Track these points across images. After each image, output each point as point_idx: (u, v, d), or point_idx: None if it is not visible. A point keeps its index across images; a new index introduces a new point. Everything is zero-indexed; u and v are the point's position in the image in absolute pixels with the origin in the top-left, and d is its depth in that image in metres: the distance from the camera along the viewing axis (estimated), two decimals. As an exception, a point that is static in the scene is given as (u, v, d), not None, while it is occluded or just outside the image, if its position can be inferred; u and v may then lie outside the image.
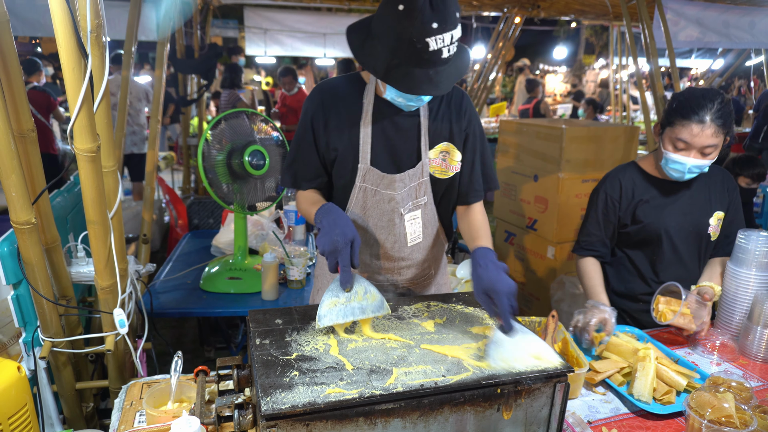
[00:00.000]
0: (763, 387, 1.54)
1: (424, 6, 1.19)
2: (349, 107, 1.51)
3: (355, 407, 1.00)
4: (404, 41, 1.22)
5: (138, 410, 1.32)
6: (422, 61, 1.24)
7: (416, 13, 1.19)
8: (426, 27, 1.20)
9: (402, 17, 1.21)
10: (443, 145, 1.55)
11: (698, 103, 1.69)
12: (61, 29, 1.19)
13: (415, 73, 1.26)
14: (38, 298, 1.52)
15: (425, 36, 1.20)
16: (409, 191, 1.54)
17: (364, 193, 1.53)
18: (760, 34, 4.61)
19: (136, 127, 5.66)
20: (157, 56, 3.33)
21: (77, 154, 1.35)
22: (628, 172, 1.94)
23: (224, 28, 12.12)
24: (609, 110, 9.76)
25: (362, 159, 1.50)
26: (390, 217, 1.55)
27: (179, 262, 2.84)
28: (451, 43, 1.24)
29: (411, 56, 1.24)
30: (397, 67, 1.27)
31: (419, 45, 1.21)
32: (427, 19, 1.19)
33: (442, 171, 1.57)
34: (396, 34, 1.23)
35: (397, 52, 1.25)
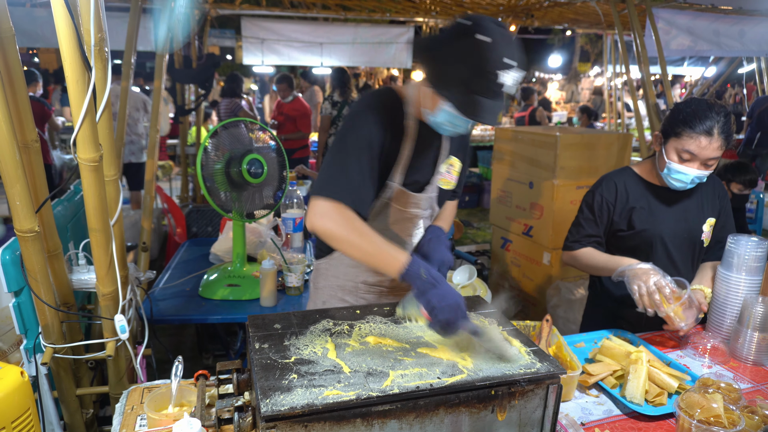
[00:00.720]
0: (753, 389, 1.57)
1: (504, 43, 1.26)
2: (396, 126, 1.49)
3: (353, 409, 1.03)
4: (480, 71, 1.26)
5: (139, 414, 1.34)
6: (491, 93, 1.28)
7: (497, 46, 1.25)
8: (501, 61, 1.25)
9: (484, 48, 1.25)
10: (451, 159, 1.65)
11: (707, 116, 1.70)
12: (66, 43, 1.22)
13: (483, 102, 1.29)
14: (40, 304, 1.55)
15: (498, 69, 1.25)
16: (428, 207, 1.63)
17: (388, 210, 1.56)
18: (750, 43, 4.69)
19: (134, 137, 5.69)
20: (156, 67, 3.37)
21: (80, 164, 1.38)
22: (624, 177, 1.96)
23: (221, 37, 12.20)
24: (604, 117, 9.85)
25: (393, 178, 1.50)
26: (409, 233, 1.62)
27: (178, 269, 2.86)
28: (514, 84, 1.30)
29: (480, 85, 1.28)
30: (466, 95, 1.30)
31: (491, 77, 1.26)
32: (505, 55, 1.26)
33: (447, 182, 1.66)
34: (472, 63, 1.27)
35: (470, 81, 1.28)
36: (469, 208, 7.76)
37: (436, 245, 1.48)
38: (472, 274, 2.70)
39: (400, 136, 1.49)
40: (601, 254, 1.92)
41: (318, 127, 5.48)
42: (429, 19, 6.63)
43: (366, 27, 7.11)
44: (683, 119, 1.74)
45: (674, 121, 1.77)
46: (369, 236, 1.33)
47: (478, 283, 2.70)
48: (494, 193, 4.10)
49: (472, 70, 1.27)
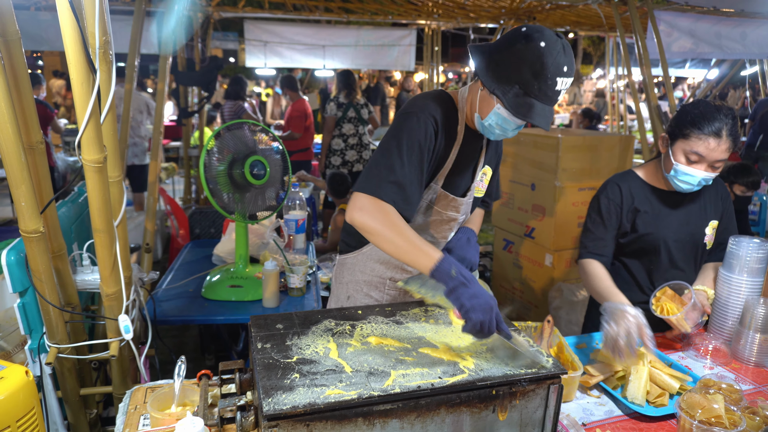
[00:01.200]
0: (755, 390, 1.57)
1: (561, 51, 1.32)
2: (448, 130, 1.52)
3: (354, 408, 1.03)
4: (539, 75, 1.31)
5: (142, 414, 1.35)
6: (544, 97, 1.34)
7: (556, 53, 1.31)
8: (560, 68, 1.32)
9: (543, 53, 1.30)
10: (486, 168, 1.70)
11: (715, 118, 1.70)
12: (71, 46, 1.24)
13: (536, 105, 1.35)
14: (45, 305, 1.56)
15: (557, 75, 1.32)
16: (465, 212, 1.68)
17: (428, 211, 1.60)
18: (752, 45, 4.69)
19: (137, 139, 5.72)
20: (160, 70, 3.39)
21: (85, 165, 1.39)
22: (627, 180, 1.94)
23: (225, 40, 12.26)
24: (606, 120, 9.84)
25: (438, 180, 1.55)
26: (444, 235, 1.67)
27: (181, 270, 2.87)
28: (564, 90, 1.36)
29: (536, 89, 1.33)
30: (522, 97, 1.34)
31: (550, 82, 1.32)
32: (562, 62, 1.32)
33: (479, 190, 1.71)
34: (531, 67, 1.31)
35: (528, 84, 1.33)
36: (471, 210, 7.76)
37: (467, 247, 1.53)
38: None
39: (451, 140, 1.53)
40: (601, 278, 1.83)
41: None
42: (431, 22, 6.64)
43: (368, 30, 7.14)
44: (691, 120, 1.73)
45: (682, 123, 1.76)
46: (404, 232, 1.33)
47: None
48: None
49: (531, 74, 1.32)
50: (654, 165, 1.96)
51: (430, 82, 7.00)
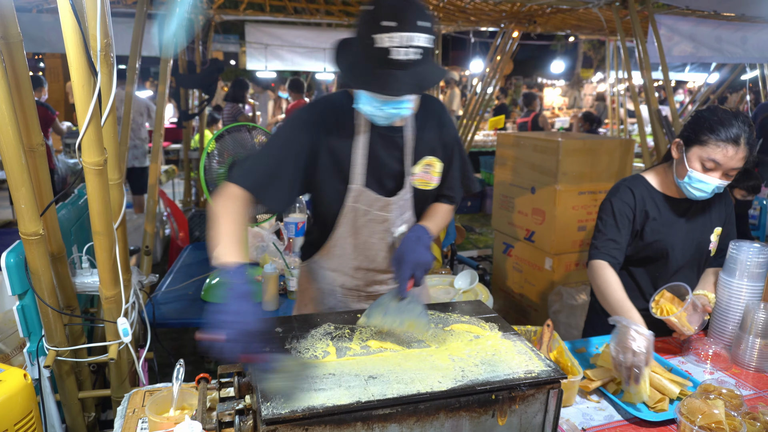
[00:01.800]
0: (755, 395, 1.56)
1: (386, 6, 1.24)
2: (343, 127, 1.47)
3: (353, 412, 1.03)
4: (366, 40, 1.25)
5: (140, 417, 1.34)
6: (374, 59, 1.25)
7: (374, 11, 1.24)
8: (379, 23, 1.22)
9: (365, 15, 1.26)
10: (427, 159, 1.57)
11: (733, 125, 1.66)
12: (73, 49, 1.24)
13: (369, 70, 1.27)
14: (44, 307, 1.56)
15: (378, 31, 1.22)
16: (400, 210, 1.56)
17: (355, 213, 1.52)
18: (752, 49, 4.69)
19: (138, 141, 5.72)
20: (161, 72, 3.39)
21: (85, 167, 1.39)
22: (638, 185, 1.89)
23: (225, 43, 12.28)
24: (606, 123, 9.85)
25: (354, 180, 1.48)
26: (381, 236, 1.56)
27: (180, 273, 2.87)
28: (407, 46, 1.23)
29: (365, 53, 1.26)
30: (356, 66, 1.29)
31: (367, 41, 1.24)
32: (383, 16, 1.22)
33: (424, 183, 1.58)
34: (361, 34, 1.27)
35: (362, 53, 1.28)
36: (471, 213, 7.77)
37: (413, 245, 1.41)
38: (474, 279, 2.70)
39: (347, 136, 1.46)
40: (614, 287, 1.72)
41: None
42: (432, 25, 6.65)
43: (370, 33, 7.15)
44: (710, 127, 1.68)
45: (699, 129, 1.71)
46: (224, 221, 1.29)
47: (479, 288, 2.70)
48: (496, 198, 4.11)
49: (361, 40, 1.27)
50: (662, 170, 1.92)
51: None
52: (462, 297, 2.62)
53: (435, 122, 1.57)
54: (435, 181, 1.59)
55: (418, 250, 1.40)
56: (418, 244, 1.41)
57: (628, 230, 1.84)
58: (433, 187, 1.60)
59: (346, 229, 1.54)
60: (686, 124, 1.81)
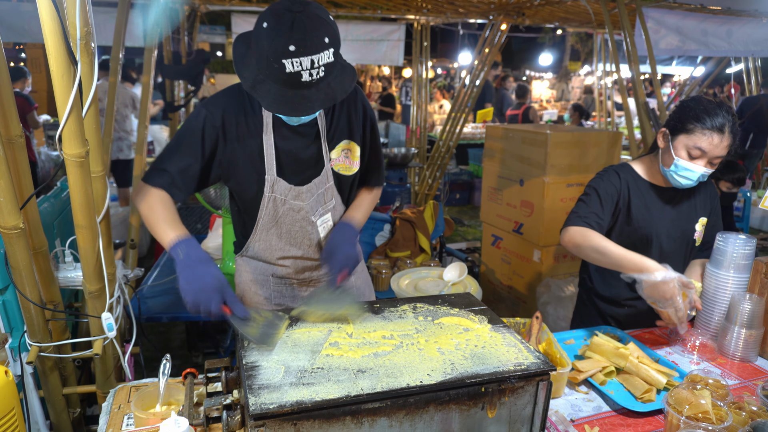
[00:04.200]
0: (740, 385, 1.58)
1: (284, 27, 1.20)
2: (250, 118, 1.48)
3: (342, 406, 1.02)
4: (264, 59, 1.23)
5: (126, 413, 1.32)
6: (281, 81, 1.25)
7: (275, 33, 1.21)
8: (282, 48, 1.20)
9: (264, 35, 1.22)
10: (344, 143, 1.58)
11: (718, 114, 1.70)
12: (51, 37, 1.20)
13: (276, 91, 1.27)
14: (25, 302, 1.53)
15: (281, 57, 1.21)
16: (317, 199, 1.57)
17: (274, 203, 1.54)
18: (737, 43, 4.73)
19: (122, 133, 5.63)
20: (145, 62, 3.33)
21: (66, 159, 1.36)
22: (624, 172, 1.93)
23: (211, 33, 12.11)
24: (594, 116, 9.90)
25: (269, 170, 1.50)
26: (301, 225, 1.59)
27: (167, 267, 2.84)
28: (313, 68, 1.23)
29: (271, 74, 1.25)
30: (263, 83, 1.28)
31: (276, 65, 1.22)
32: (284, 41, 1.20)
33: (346, 168, 1.60)
34: (259, 51, 1.25)
35: (262, 69, 1.27)
36: (459, 205, 7.78)
37: (339, 243, 1.49)
38: (463, 271, 2.70)
39: (256, 127, 1.48)
40: (607, 243, 1.74)
41: None
42: (420, 17, 6.62)
43: (357, 24, 7.08)
44: (695, 116, 1.72)
45: (685, 118, 1.74)
46: (155, 211, 1.39)
47: (468, 280, 2.70)
48: (485, 190, 4.11)
49: (259, 57, 1.25)
50: (648, 160, 1.95)
51: (418, 77, 6.98)
52: (451, 289, 2.62)
53: (347, 106, 1.58)
54: (356, 165, 1.62)
55: (344, 248, 1.48)
56: (344, 242, 1.50)
57: (610, 210, 1.87)
58: (355, 172, 1.62)
59: (268, 219, 1.57)
60: (671, 113, 1.83)
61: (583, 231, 1.79)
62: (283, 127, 1.49)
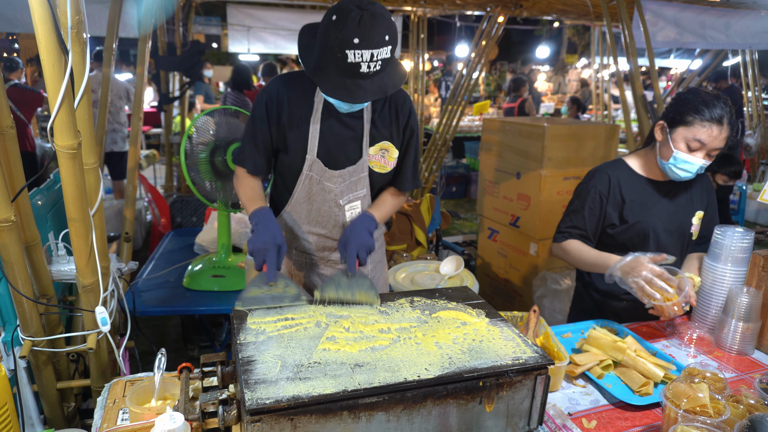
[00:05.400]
0: (737, 378, 1.58)
1: (352, 21, 1.34)
2: (303, 102, 1.63)
3: (339, 401, 1.01)
4: (329, 47, 1.38)
5: (121, 408, 1.31)
6: (341, 70, 1.40)
7: (343, 26, 1.34)
8: (347, 39, 1.34)
9: (332, 27, 1.37)
10: (383, 143, 1.71)
11: (716, 105, 1.70)
12: (41, 25, 1.17)
13: (335, 78, 1.42)
14: (18, 296, 1.51)
15: (345, 48, 1.35)
16: (348, 185, 1.71)
17: (309, 181, 1.69)
18: (735, 35, 4.71)
19: (117, 125, 5.58)
20: (139, 53, 3.29)
21: (58, 151, 1.34)
22: (617, 169, 1.93)
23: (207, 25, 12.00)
24: (591, 109, 9.88)
25: (310, 151, 1.65)
26: (330, 206, 1.73)
27: (162, 260, 2.82)
28: (372, 61, 1.38)
29: (333, 62, 1.39)
30: (322, 70, 1.43)
31: (339, 54, 1.36)
32: (351, 34, 1.34)
33: (381, 166, 1.73)
34: (325, 40, 1.39)
35: (324, 56, 1.41)
36: (456, 198, 7.77)
37: (358, 230, 1.58)
38: (460, 264, 2.70)
39: (305, 110, 1.63)
40: (590, 249, 1.89)
41: None
42: (417, 9, 6.56)
43: (354, 15, 7.03)
44: (694, 108, 1.72)
45: (684, 110, 1.74)
46: (241, 192, 1.70)
47: (465, 273, 2.70)
48: (481, 183, 4.10)
49: (323, 49, 1.40)
50: (643, 154, 1.94)
51: (415, 69, 6.94)
52: (448, 282, 2.62)
53: (395, 111, 1.71)
54: (391, 165, 1.75)
55: (362, 235, 1.56)
56: (363, 230, 1.58)
57: (596, 217, 1.93)
58: (389, 171, 1.75)
59: (302, 194, 1.72)
60: (669, 106, 1.82)
61: (563, 246, 1.95)
62: (332, 118, 1.64)
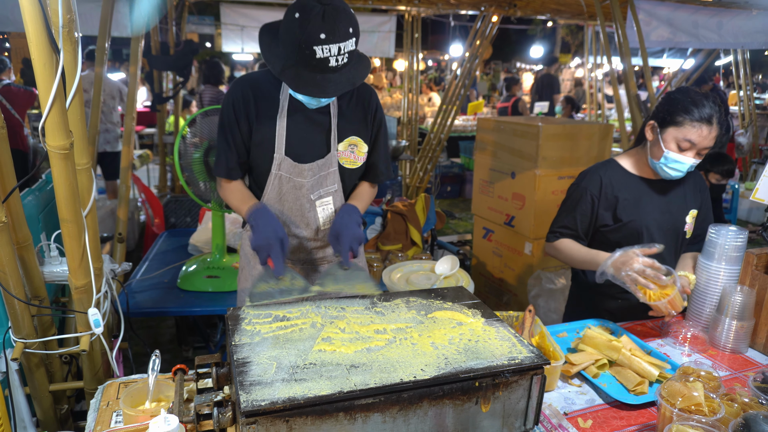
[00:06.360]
0: (731, 376, 1.59)
1: (316, 17, 1.35)
2: (268, 101, 1.63)
3: (335, 403, 1.00)
4: (295, 45, 1.39)
5: (115, 410, 1.30)
6: (310, 66, 1.41)
7: (307, 22, 1.35)
8: (314, 36, 1.36)
9: (296, 24, 1.38)
10: (352, 139, 1.71)
11: (706, 105, 1.71)
12: (32, 24, 1.16)
13: (305, 75, 1.43)
14: (9, 298, 1.49)
15: (312, 44, 1.36)
16: (318, 179, 1.69)
17: (279, 180, 1.67)
18: (727, 35, 4.74)
19: (109, 125, 5.55)
20: (132, 52, 3.27)
21: (49, 152, 1.32)
22: (609, 170, 1.94)
23: (200, 24, 11.93)
24: (585, 108, 9.92)
25: (278, 149, 1.64)
26: (302, 203, 1.71)
27: (156, 261, 2.80)
28: (339, 54, 1.40)
29: (301, 60, 1.41)
30: (291, 68, 1.44)
31: (307, 51, 1.38)
32: (316, 30, 1.35)
33: (351, 162, 1.73)
34: (290, 39, 1.40)
35: (291, 55, 1.42)
36: (450, 198, 7.78)
37: (347, 222, 1.59)
38: (455, 264, 2.69)
39: (272, 109, 1.63)
40: (580, 247, 1.90)
41: None
42: (411, 8, 6.56)
43: (348, 15, 7.02)
44: (684, 108, 1.73)
45: (674, 110, 1.75)
46: (229, 198, 1.71)
47: (460, 273, 2.69)
48: (476, 183, 4.10)
49: (290, 47, 1.41)
50: (635, 154, 1.96)
51: (410, 69, 6.93)
52: (443, 282, 2.61)
53: (361, 105, 1.72)
54: (361, 160, 1.75)
55: (351, 227, 1.58)
56: (352, 222, 1.59)
57: (587, 218, 1.95)
58: (359, 166, 1.76)
59: (273, 195, 1.70)
60: (658, 105, 1.83)
61: (555, 246, 1.99)
62: (298, 114, 1.64)
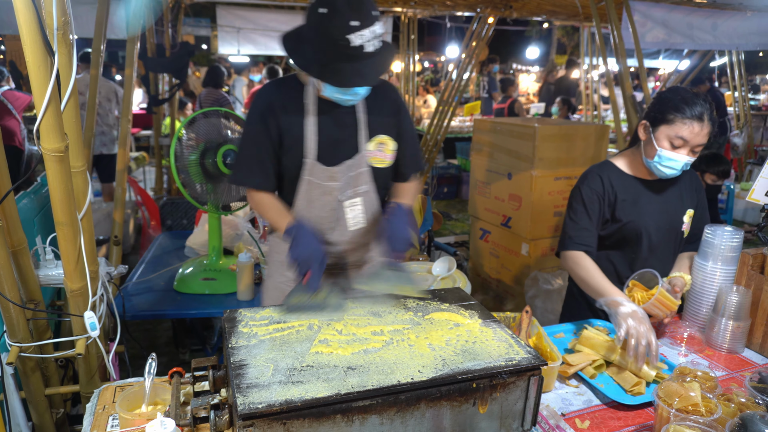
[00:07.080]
0: (728, 376, 1.59)
1: (344, 6, 1.35)
2: (294, 107, 1.61)
3: (332, 405, 1.00)
4: (329, 40, 1.37)
5: (111, 414, 1.29)
6: (347, 57, 1.39)
7: (336, 14, 1.35)
8: (345, 25, 1.35)
9: (325, 19, 1.37)
10: (380, 137, 1.70)
11: (696, 102, 1.73)
12: (26, 26, 1.16)
13: (344, 68, 1.42)
14: (4, 302, 1.48)
15: (345, 33, 1.35)
16: (348, 180, 1.67)
17: (309, 186, 1.65)
18: (722, 36, 4.76)
19: (105, 128, 5.53)
20: (127, 55, 3.26)
21: (45, 154, 1.32)
22: (606, 170, 1.94)
23: (196, 26, 11.95)
24: (581, 109, 9.94)
25: (308, 154, 1.61)
26: (332, 206, 1.69)
27: (152, 263, 2.79)
28: (373, 38, 1.39)
29: (337, 53, 1.39)
30: (328, 65, 1.42)
31: (342, 42, 1.36)
32: (347, 18, 1.34)
33: (380, 161, 1.72)
34: (321, 36, 1.39)
35: (326, 52, 1.40)
36: (447, 199, 7.78)
37: (396, 223, 1.57)
38: (452, 265, 2.69)
39: (299, 115, 1.61)
40: (593, 272, 1.80)
41: None
42: (408, 9, 6.57)
43: (344, 16, 7.02)
44: (675, 106, 1.75)
45: (665, 108, 1.77)
46: (268, 213, 1.65)
47: (457, 274, 2.70)
48: (473, 184, 4.10)
49: (323, 41, 1.39)
50: (629, 154, 1.96)
51: (406, 70, 6.94)
52: (440, 283, 2.61)
53: (388, 104, 1.71)
54: (389, 158, 1.74)
55: (400, 227, 1.56)
56: (402, 224, 1.58)
57: (597, 216, 1.91)
58: (388, 165, 1.74)
59: (303, 202, 1.68)
60: (650, 105, 1.86)
61: (577, 258, 1.87)
62: (326, 116, 1.62)
